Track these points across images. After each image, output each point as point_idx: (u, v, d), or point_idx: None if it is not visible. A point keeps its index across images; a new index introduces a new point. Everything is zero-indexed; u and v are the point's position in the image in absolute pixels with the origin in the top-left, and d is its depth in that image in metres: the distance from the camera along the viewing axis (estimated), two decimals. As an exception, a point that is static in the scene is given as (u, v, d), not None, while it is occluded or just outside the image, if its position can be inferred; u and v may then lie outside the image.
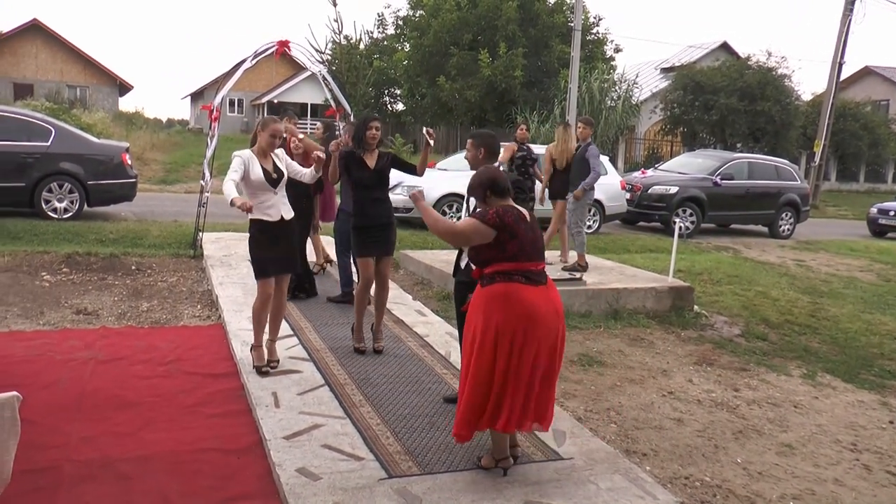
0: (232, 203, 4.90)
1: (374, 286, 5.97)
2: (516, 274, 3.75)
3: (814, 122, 29.29)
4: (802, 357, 7.29)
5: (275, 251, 5.30)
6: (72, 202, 11.32)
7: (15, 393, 2.64)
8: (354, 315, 6.01)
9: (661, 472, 4.47)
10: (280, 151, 5.45)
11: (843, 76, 28.80)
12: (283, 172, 5.36)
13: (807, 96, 33.61)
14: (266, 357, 5.40)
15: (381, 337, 6.07)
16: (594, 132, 9.07)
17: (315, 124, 9.12)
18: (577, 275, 8.32)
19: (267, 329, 5.47)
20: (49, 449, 4.09)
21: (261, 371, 5.25)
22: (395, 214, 6.34)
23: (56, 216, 11.14)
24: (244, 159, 5.16)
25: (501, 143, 5.91)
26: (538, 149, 11.30)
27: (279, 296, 5.47)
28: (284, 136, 6.51)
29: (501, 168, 4.66)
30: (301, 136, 7.65)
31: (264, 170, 5.22)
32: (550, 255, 9.47)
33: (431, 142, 5.63)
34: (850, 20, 25.83)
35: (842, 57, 26.30)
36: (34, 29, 43.02)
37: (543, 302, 3.76)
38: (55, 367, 5.38)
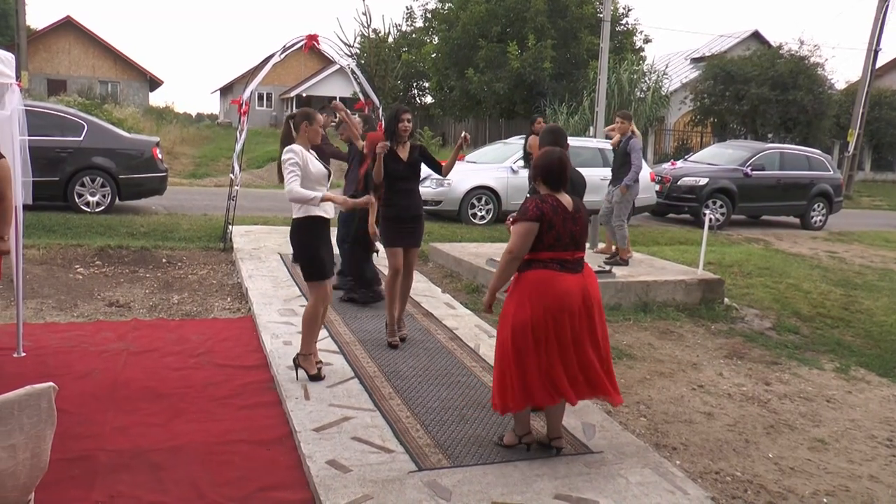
0: (323, 200, 4.74)
1: (402, 278, 6.01)
2: (552, 262, 3.95)
3: (847, 112, 28.78)
4: (835, 351, 7.19)
5: (329, 251, 5.06)
6: (104, 196, 11.47)
7: (51, 383, 2.68)
8: (386, 309, 6.04)
9: (691, 467, 4.44)
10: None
11: (879, 64, 28.24)
12: (329, 167, 5.16)
13: (840, 85, 33.09)
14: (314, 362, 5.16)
15: (405, 325, 6.17)
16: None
17: (353, 116, 9.12)
18: (607, 268, 8.27)
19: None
20: (83, 438, 4.16)
21: (318, 378, 5.04)
22: (424, 207, 6.36)
23: (88, 210, 11.30)
24: (299, 155, 4.78)
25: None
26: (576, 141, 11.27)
27: (326, 301, 5.17)
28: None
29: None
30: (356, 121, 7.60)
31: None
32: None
33: (465, 146, 5.63)
34: (886, 6, 25.34)
35: (877, 44, 25.81)
36: (67, 26, 43.66)
37: (577, 288, 3.96)
38: (89, 358, 5.47)
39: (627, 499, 3.72)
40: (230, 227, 10.04)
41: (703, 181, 15.52)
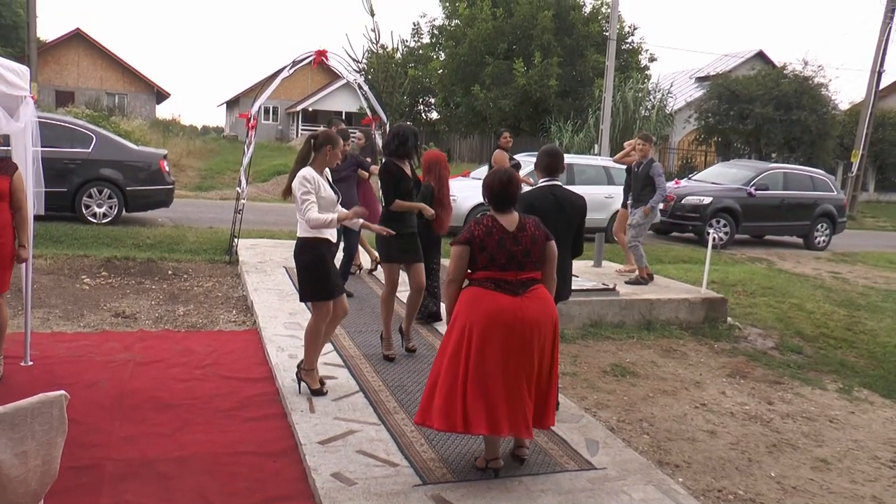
0: (339, 220, 4.81)
1: (409, 293, 6.07)
2: (486, 281, 3.92)
3: (851, 132, 28.85)
4: (838, 371, 7.20)
5: (333, 270, 5.05)
6: (111, 207, 11.54)
7: (63, 392, 2.72)
8: (382, 322, 6.09)
9: (693, 485, 4.46)
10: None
11: (883, 85, 28.34)
12: (339, 193, 5.15)
13: (844, 105, 33.11)
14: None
15: (412, 337, 6.22)
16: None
17: (355, 132, 9.20)
18: (611, 285, 8.30)
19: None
20: (91, 447, 4.19)
21: (320, 393, 5.05)
22: None
23: (95, 221, 11.36)
24: (313, 180, 4.78)
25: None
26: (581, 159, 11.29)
27: (336, 318, 5.18)
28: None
29: None
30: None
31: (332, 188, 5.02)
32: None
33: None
34: (889, 28, 25.46)
35: (881, 66, 25.91)
36: (76, 38, 44.03)
37: (512, 310, 3.82)
38: (96, 368, 5.50)
39: (630, 515, 3.74)
40: (236, 240, 10.09)
41: (707, 200, 15.55)
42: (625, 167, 9.97)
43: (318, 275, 4.91)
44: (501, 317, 3.80)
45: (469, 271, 4.01)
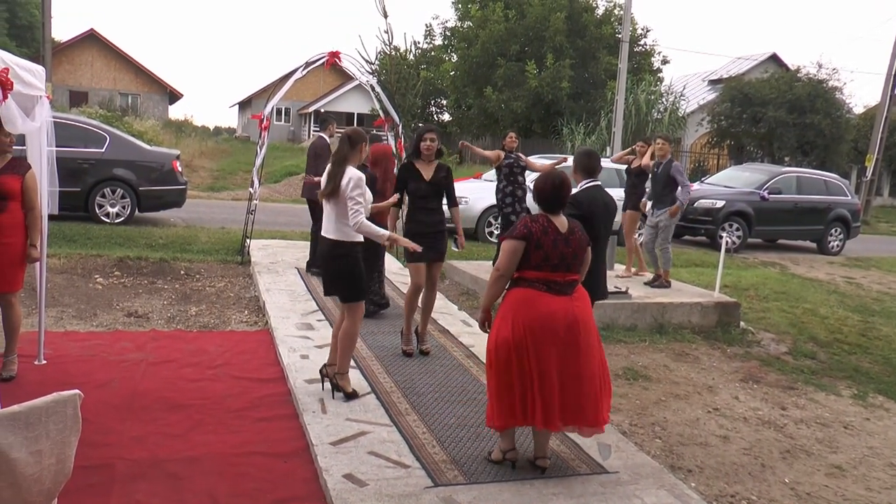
0: (389, 238, 4.86)
1: (424, 292, 6.10)
2: (537, 282, 3.93)
3: (866, 136, 28.68)
4: (853, 377, 7.14)
5: (364, 271, 5.06)
6: (124, 207, 11.59)
7: (77, 391, 2.73)
8: (404, 319, 6.16)
9: (706, 490, 4.42)
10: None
11: (898, 89, 28.15)
12: None
13: (859, 109, 32.97)
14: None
15: (427, 339, 6.25)
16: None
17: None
18: (623, 288, 8.26)
19: (333, 351, 5.19)
20: (102, 447, 4.20)
21: (355, 396, 5.01)
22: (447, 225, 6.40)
23: (108, 221, 11.41)
24: (363, 183, 4.80)
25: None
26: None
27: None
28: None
29: None
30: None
31: None
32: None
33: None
34: (905, 33, 25.25)
35: (896, 69, 25.74)
36: (90, 39, 44.27)
37: (561, 310, 3.92)
38: (108, 368, 5.52)
39: (643, 520, 3.71)
40: (248, 240, 10.11)
41: (720, 204, 15.48)
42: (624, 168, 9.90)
43: (355, 276, 4.92)
44: (557, 317, 3.89)
45: (518, 268, 4.00)
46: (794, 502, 4.38)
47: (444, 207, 6.16)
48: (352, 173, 4.76)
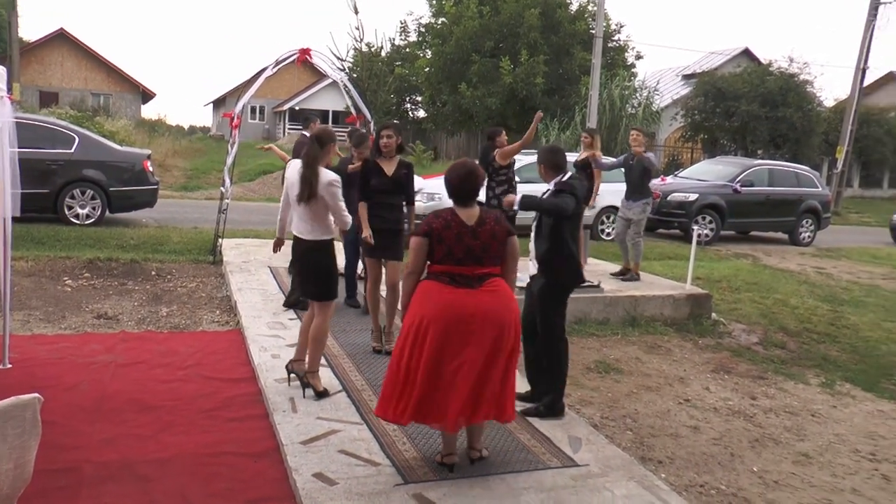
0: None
1: (385, 290, 6.12)
2: (443, 275, 3.92)
3: (836, 129, 29.01)
4: (821, 366, 7.24)
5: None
6: (94, 208, 11.45)
7: (36, 395, 2.70)
8: (370, 316, 6.20)
9: (676, 480, 4.47)
10: None
11: (867, 82, 28.55)
12: None
13: (829, 102, 33.35)
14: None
15: (393, 339, 6.19)
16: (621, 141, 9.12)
17: (343, 137, 9.19)
18: (595, 282, 8.31)
19: (300, 348, 5.23)
20: (70, 450, 4.16)
21: (326, 394, 4.99)
22: (415, 221, 6.42)
23: (78, 222, 11.28)
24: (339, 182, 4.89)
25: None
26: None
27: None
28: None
29: None
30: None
31: None
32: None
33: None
34: (873, 25, 25.62)
35: (865, 62, 26.07)
36: (60, 38, 43.66)
37: (464, 302, 3.82)
38: (76, 370, 5.46)
39: (612, 512, 3.74)
40: (220, 240, 10.05)
41: (693, 197, 15.60)
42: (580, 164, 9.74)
43: (331, 275, 5.01)
44: (452, 309, 3.80)
45: (429, 263, 4.01)
46: (762, 490, 4.43)
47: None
48: (327, 176, 4.79)
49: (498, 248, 3.97)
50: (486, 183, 8.58)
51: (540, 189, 5.09)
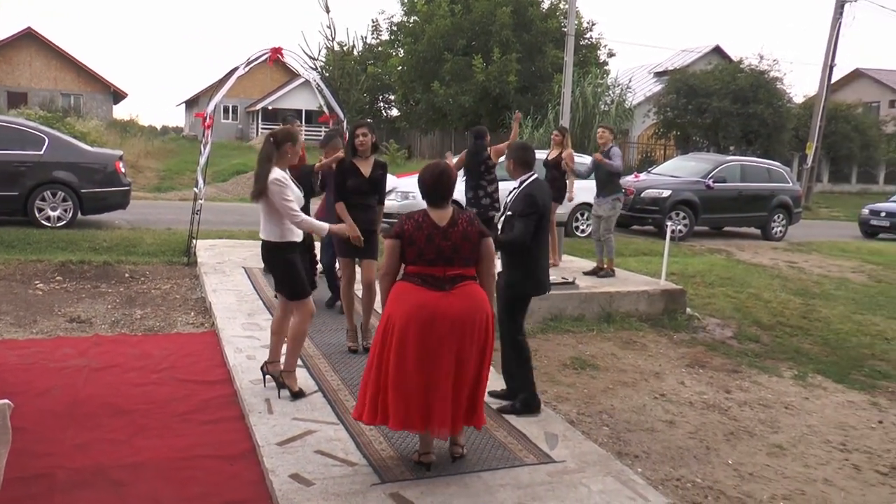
0: (332, 231, 4.94)
1: (361, 290, 6.11)
2: (415, 276, 3.92)
3: (806, 125, 29.43)
4: (794, 358, 7.33)
5: (305, 268, 5.14)
6: (65, 210, 11.31)
7: (6, 401, 2.66)
8: (345, 315, 6.18)
9: (652, 474, 4.50)
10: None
11: (835, 79, 29.01)
12: (301, 187, 5.16)
13: (799, 99, 33.80)
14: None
15: (370, 335, 6.20)
16: (612, 136, 9.05)
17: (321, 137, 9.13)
18: (570, 278, 8.35)
19: (273, 349, 5.22)
20: (42, 456, 4.10)
21: (301, 395, 4.96)
22: (388, 220, 6.43)
23: (49, 224, 11.13)
24: (285, 181, 4.80)
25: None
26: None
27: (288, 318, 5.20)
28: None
29: None
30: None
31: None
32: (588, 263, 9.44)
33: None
34: (839, 23, 25.99)
35: (832, 60, 26.46)
36: (28, 37, 43.06)
37: (433, 304, 3.81)
38: (48, 375, 5.39)
39: (589, 507, 3.76)
40: (194, 241, 9.97)
41: (666, 193, 15.73)
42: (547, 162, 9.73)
43: (295, 275, 4.95)
44: (422, 311, 3.79)
45: (405, 265, 4.01)
46: (737, 482, 4.48)
47: (386, 202, 6.18)
48: (275, 174, 4.77)
49: (470, 250, 3.96)
50: (476, 182, 8.62)
51: (510, 186, 5.10)
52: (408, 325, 3.79)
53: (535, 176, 5.01)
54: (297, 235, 4.98)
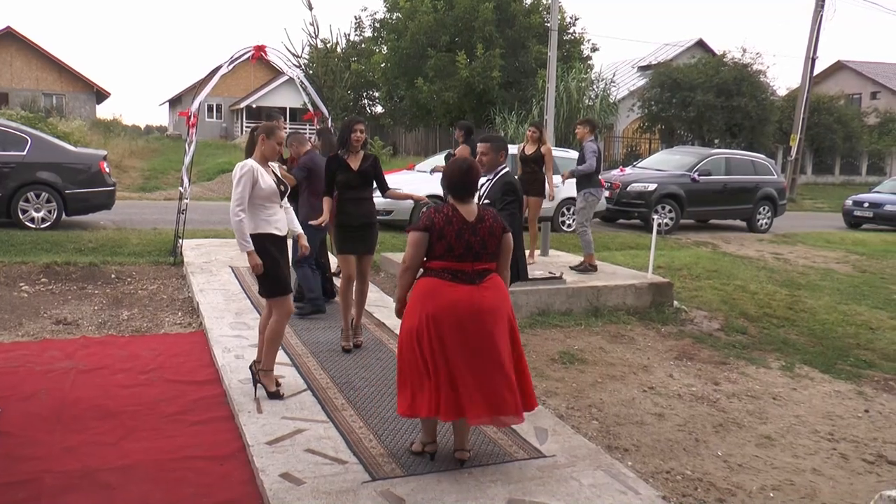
0: (248, 253, 4.79)
1: (356, 282, 6.12)
2: (443, 271, 3.92)
3: (789, 117, 29.60)
4: (781, 349, 7.37)
5: (285, 267, 5.03)
6: (49, 212, 11.23)
7: (-7, 405, 2.63)
8: (341, 314, 6.15)
9: (642, 467, 4.51)
10: (275, 164, 5.17)
11: (817, 71, 29.25)
12: (286, 184, 5.14)
13: (782, 91, 34.03)
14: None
15: (361, 332, 6.28)
16: (591, 130, 9.01)
17: (312, 137, 9.10)
18: (558, 273, 8.36)
19: (261, 348, 5.13)
20: (29, 461, 4.06)
21: (277, 396, 4.93)
22: (378, 217, 6.43)
23: (33, 226, 11.05)
24: (252, 171, 4.79)
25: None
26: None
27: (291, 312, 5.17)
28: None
29: None
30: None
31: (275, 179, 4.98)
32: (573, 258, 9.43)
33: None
34: (821, 16, 26.14)
35: (814, 52, 26.59)
36: (8, 37, 42.65)
37: (469, 299, 3.86)
38: (35, 379, 5.34)
39: (580, 501, 3.77)
40: (180, 240, 9.92)
41: (652, 187, 15.79)
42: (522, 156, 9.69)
43: (273, 270, 4.89)
44: (460, 306, 3.83)
45: (424, 259, 4.00)
46: (726, 474, 4.50)
47: (374, 199, 6.18)
48: (239, 164, 4.86)
49: (496, 245, 4.01)
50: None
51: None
52: (449, 320, 3.82)
53: (507, 168, 5.08)
54: (275, 228, 4.92)
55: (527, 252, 9.50)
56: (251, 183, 4.78)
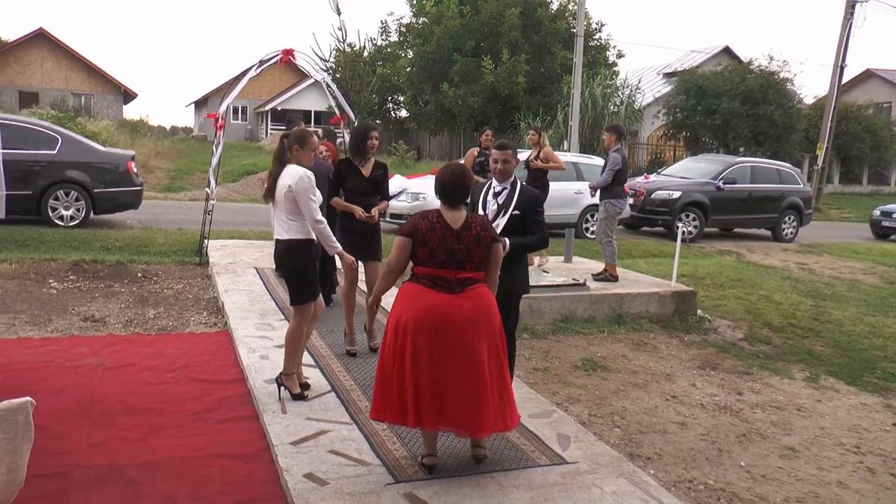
0: (338, 253, 5.00)
1: (368, 290, 6.16)
2: (424, 277, 3.91)
3: (816, 126, 29.31)
4: (805, 360, 7.31)
5: (316, 271, 5.12)
6: (78, 210, 11.39)
7: (29, 398, 2.69)
8: (344, 318, 6.17)
9: (665, 476, 4.50)
10: None
11: (845, 79, 28.86)
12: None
13: (809, 100, 33.62)
14: (298, 381, 5.10)
15: (375, 335, 6.19)
16: (617, 138, 8.91)
17: (317, 131, 9.13)
18: (581, 280, 8.35)
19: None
20: (58, 454, 4.14)
21: (301, 398, 4.96)
22: (397, 220, 6.45)
23: (62, 224, 11.21)
24: (312, 179, 4.85)
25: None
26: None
27: (316, 316, 5.21)
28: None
29: None
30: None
31: None
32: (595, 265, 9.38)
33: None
34: (850, 24, 25.89)
35: (843, 60, 26.34)
36: (40, 38, 43.25)
37: (444, 307, 3.82)
38: (64, 374, 5.43)
39: (602, 508, 3.77)
40: (206, 241, 10.01)
41: (676, 194, 15.71)
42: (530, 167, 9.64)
43: (308, 277, 4.96)
44: (432, 314, 3.80)
45: (412, 265, 4.01)
46: (749, 484, 4.48)
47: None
48: (302, 172, 4.79)
49: (482, 254, 3.95)
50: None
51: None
52: (419, 328, 3.80)
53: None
54: (312, 235, 4.96)
55: (536, 259, 9.50)
56: (315, 189, 4.83)
